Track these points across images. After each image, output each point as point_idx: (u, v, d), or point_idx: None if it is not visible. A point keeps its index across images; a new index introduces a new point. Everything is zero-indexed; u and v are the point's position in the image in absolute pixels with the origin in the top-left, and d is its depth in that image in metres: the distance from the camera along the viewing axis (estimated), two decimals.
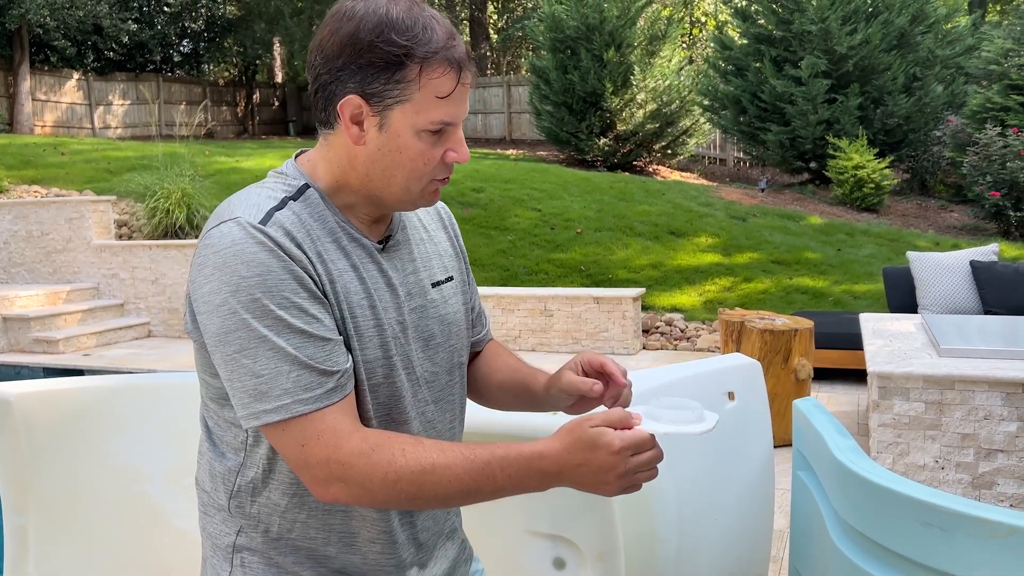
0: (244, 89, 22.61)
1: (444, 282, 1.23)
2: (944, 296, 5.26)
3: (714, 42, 13.09)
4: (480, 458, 1.01)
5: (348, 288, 1.08)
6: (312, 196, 1.09)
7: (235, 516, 1.15)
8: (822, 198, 11.22)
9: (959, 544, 1.54)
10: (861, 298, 7.31)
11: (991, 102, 10.27)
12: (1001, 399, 3.26)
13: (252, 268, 0.99)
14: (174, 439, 2.39)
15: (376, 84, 1.02)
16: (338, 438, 1.00)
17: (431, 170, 1.08)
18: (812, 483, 2.22)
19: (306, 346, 1.01)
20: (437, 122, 1.04)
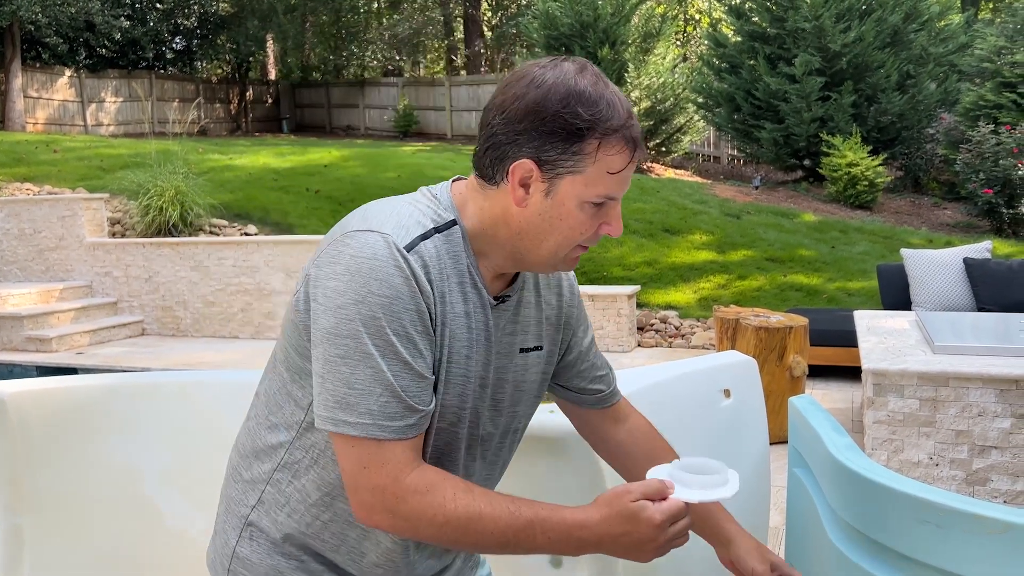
0: (237, 86, 22.55)
1: (532, 350, 1.24)
2: (938, 293, 5.28)
3: (708, 39, 13.10)
4: (524, 516, 1.04)
5: (456, 333, 1.10)
6: (455, 234, 1.11)
7: (258, 490, 1.18)
8: (816, 195, 11.25)
9: (955, 540, 1.55)
10: (855, 295, 7.33)
11: (984, 100, 10.30)
12: (995, 396, 3.28)
13: (384, 288, 1.02)
14: (170, 438, 2.38)
15: (552, 152, 1.04)
16: (399, 471, 1.03)
17: (583, 238, 1.10)
18: (808, 480, 2.22)
19: (403, 377, 1.03)
20: (603, 196, 1.07)
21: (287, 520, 1.16)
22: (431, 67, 27.55)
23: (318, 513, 1.15)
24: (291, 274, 7.37)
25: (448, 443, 1.15)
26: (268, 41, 23.29)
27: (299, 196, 9.37)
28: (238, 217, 8.79)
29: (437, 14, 24.24)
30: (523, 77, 1.06)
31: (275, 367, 1.18)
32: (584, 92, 1.03)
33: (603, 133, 1.03)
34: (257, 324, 7.52)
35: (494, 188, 1.09)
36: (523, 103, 1.04)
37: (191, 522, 2.37)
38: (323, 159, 11.07)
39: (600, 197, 1.06)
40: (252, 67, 23.69)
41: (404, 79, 22.19)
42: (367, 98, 22.07)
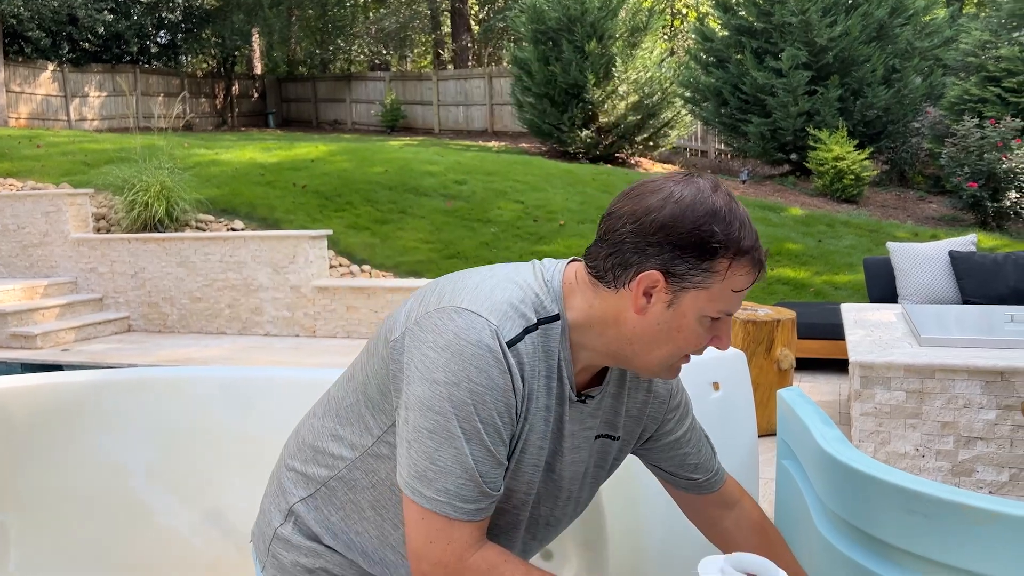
0: (223, 81, 22.39)
1: (609, 438, 1.26)
2: (924, 286, 5.32)
3: (695, 34, 13.11)
4: None
5: (535, 427, 1.13)
6: (555, 328, 1.12)
7: (311, 488, 1.22)
8: (803, 189, 11.30)
9: (942, 531, 1.56)
10: (842, 288, 7.37)
11: (968, 94, 10.36)
12: (980, 387, 3.30)
13: (482, 377, 1.04)
14: (158, 435, 2.37)
15: (683, 266, 1.06)
16: (463, 551, 1.06)
17: (693, 350, 1.13)
18: (796, 472, 2.23)
19: (484, 463, 1.06)
20: (722, 312, 1.10)
21: (339, 522, 1.21)
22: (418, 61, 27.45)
23: (365, 528, 1.19)
24: (278, 269, 7.33)
25: (510, 523, 1.18)
26: (254, 35, 23.14)
27: (286, 191, 9.32)
28: (224, 212, 8.74)
29: (424, 8, 24.15)
30: (658, 191, 1.07)
31: (353, 383, 1.21)
32: (720, 211, 1.06)
33: (736, 253, 1.06)
34: (244, 320, 7.48)
35: (611, 291, 1.10)
36: (659, 216, 1.05)
37: (178, 518, 2.36)
38: (310, 154, 11.02)
39: (720, 313, 1.09)
40: (238, 61, 23.53)
41: (391, 73, 22.11)
42: (354, 92, 21.98)
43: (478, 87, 19.59)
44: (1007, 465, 3.31)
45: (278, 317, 7.38)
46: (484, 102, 19.46)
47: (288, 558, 1.23)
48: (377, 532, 1.19)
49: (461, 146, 15.09)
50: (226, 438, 2.35)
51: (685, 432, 1.36)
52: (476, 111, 19.66)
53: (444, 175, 10.11)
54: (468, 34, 23.27)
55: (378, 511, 1.18)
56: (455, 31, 23.22)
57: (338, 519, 1.21)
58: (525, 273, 1.15)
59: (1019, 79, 10.02)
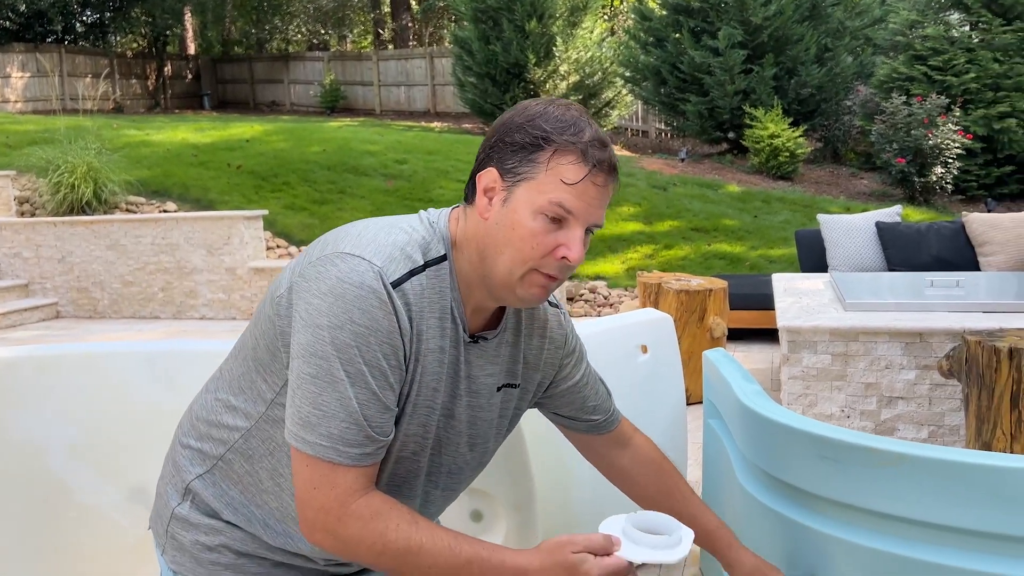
0: (154, 61, 21.72)
1: (509, 387, 1.25)
2: (852, 256, 5.47)
3: (634, 13, 13.18)
4: (463, 555, 1.06)
5: (427, 368, 1.12)
6: (443, 269, 1.13)
7: (208, 463, 1.20)
8: (740, 167, 11.49)
9: (854, 474, 1.61)
10: (776, 262, 7.54)
11: (897, 72, 10.65)
12: (901, 349, 3.42)
13: (365, 319, 1.04)
14: (78, 412, 2.30)
15: (512, 161, 1.09)
16: (347, 496, 1.05)
17: (538, 257, 1.08)
18: (721, 429, 2.29)
19: (369, 407, 1.05)
20: (555, 202, 1.07)
21: (238, 496, 1.18)
22: (357, 41, 27.03)
23: (265, 499, 1.17)
24: (213, 251, 7.17)
25: (409, 471, 1.17)
26: (186, 14, 22.47)
27: (220, 171, 9.11)
28: (156, 194, 8.51)
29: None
30: (516, 106, 1.14)
31: (244, 352, 1.19)
32: (552, 114, 1.09)
33: (559, 144, 1.07)
34: (179, 303, 7.31)
35: (472, 207, 1.13)
36: (499, 121, 1.12)
37: (102, 496, 2.30)
38: (245, 134, 10.78)
39: (552, 204, 1.06)
40: (170, 41, 22.84)
41: (330, 53, 21.73)
42: (292, 73, 21.55)
43: (419, 67, 19.39)
44: (926, 423, 3.44)
45: (214, 300, 7.23)
46: (426, 82, 19.28)
47: (187, 538, 1.20)
48: (277, 503, 1.17)
49: (402, 126, 14.95)
50: (150, 413, 2.29)
51: (582, 376, 1.37)
52: (418, 91, 19.47)
53: (384, 155, 10.00)
54: (408, 13, 22.99)
55: (276, 481, 1.16)
56: (395, 10, 22.91)
57: (237, 492, 1.18)
58: (411, 219, 1.15)
59: (944, 58, 10.33)
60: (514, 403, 1.28)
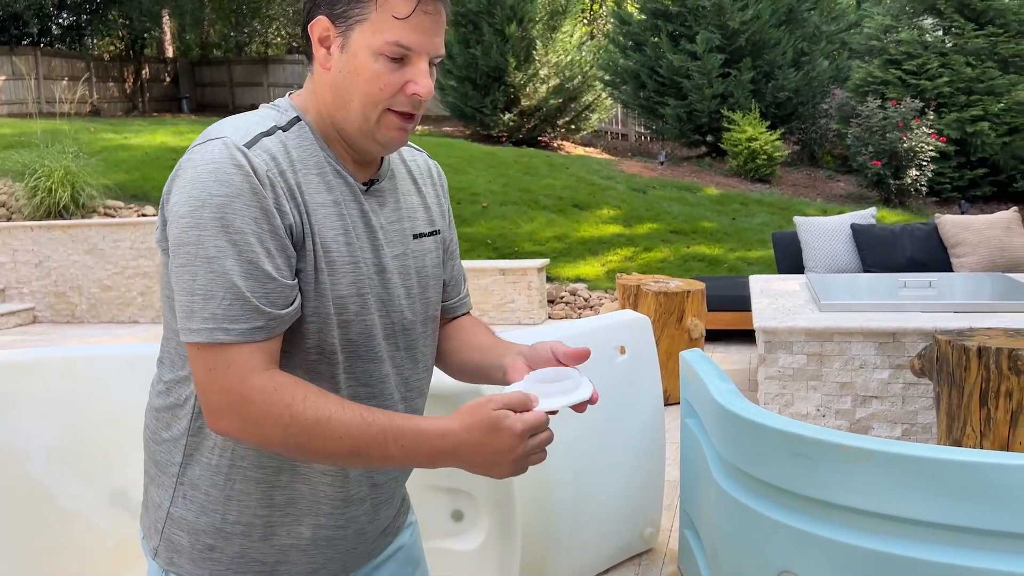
0: (132, 64, 21.52)
1: (427, 235, 1.23)
2: (828, 257, 5.55)
3: (613, 17, 13.26)
4: (376, 423, 1.01)
5: (324, 223, 1.08)
6: (303, 129, 1.11)
7: (181, 444, 1.14)
8: (718, 170, 11.59)
9: (825, 471, 1.65)
10: (754, 264, 7.62)
11: (872, 76, 10.79)
12: (874, 348, 3.48)
13: (223, 187, 1.00)
14: (56, 416, 2.30)
15: (340, 5, 1.06)
16: (246, 372, 1.00)
17: (387, 97, 1.07)
18: (698, 428, 2.32)
19: (249, 277, 1.00)
20: (392, 43, 1.05)
21: (220, 460, 1.12)
22: None
23: (245, 449, 1.11)
24: None
25: (362, 333, 1.13)
26: (164, 17, 22.32)
27: None
28: (135, 198, 8.45)
29: None
30: None
31: (169, 324, 1.15)
32: None
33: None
34: (158, 308, 7.27)
35: (314, 65, 1.11)
36: None
37: (82, 500, 2.30)
38: None
39: (390, 44, 1.05)
40: (148, 44, 22.67)
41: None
42: (272, 76, 21.45)
43: None
44: (899, 421, 3.50)
45: None
46: None
47: (184, 539, 1.15)
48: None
49: None
50: (131, 417, 2.30)
51: (455, 239, 1.36)
52: None
53: None
54: None
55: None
56: None
57: (218, 457, 1.13)
58: (256, 109, 1.15)
59: (918, 62, 10.48)
60: (439, 252, 1.27)
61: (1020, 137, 10.11)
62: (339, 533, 1.18)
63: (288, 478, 1.13)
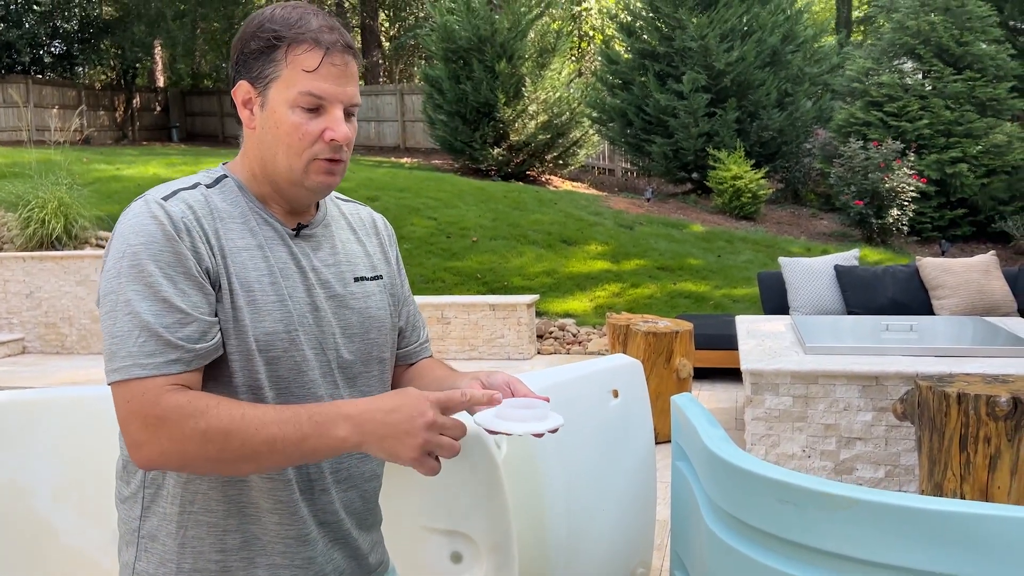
0: (123, 93, 21.65)
1: (370, 279, 1.29)
2: (812, 298, 5.67)
3: (601, 56, 13.51)
4: (289, 408, 1.06)
5: (246, 265, 1.15)
6: (228, 184, 1.20)
7: (138, 499, 1.19)
8: (704, 207, 11.77)
9: (811, 518, 1.73)
10: (739, 301, 7.74)
11: (854, 117, 11.05)
12: (858, 391, 3.58)
13: (140, 237, 1.09)
14: (63, 455, 2.34)
15: (256, 68, 1.16)
16: (160, 395, 1.04)
17: (308, 145, 1.15)
18: (688, 472, 2.40)
19: (163, 315, 1.06)
20: (304, 93, 1.14)
21: (172, 508, 1.17)
22: None
23: (196, 488, 1.16)
24: None
25: (292, 370, 1.17)
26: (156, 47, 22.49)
27: None
28: None
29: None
30: (245, 22, 1.21)
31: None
32: (277, 15, 1.17)
33: (291, 39, 1.14)
34: None
35: (243, 128, 1.20)
36: (236, 38, 1.19)
37: (88, 539, 2.34)
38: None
39: (303, 95, 1.13)
40: (139, 73, 22.82)
41: None
42: None
43: (389, 103, 19.58)
44: (883, 463, 3.59)
45: None
46: (396, 118, 19.46)
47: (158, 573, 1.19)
48: (206, 487, 1.17)
49: (373, 162, 15.06)
50: None
51: (407, 287, 1.42)
52: (388, 127, 19.64)
53: (355, 191, 10.09)
54: (379, 50, 23.25)
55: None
56: (365, 47, 23.16)
57: (169, 506, 1.18)
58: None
59: (899, 104, 10.75)
60: (385, 297, 1.32)
61: (998, 179, 10.36)
62: (298, 574, 1.21)
63: (237, 521, 1.17)
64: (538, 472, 2.28)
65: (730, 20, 11.87)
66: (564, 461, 2.36)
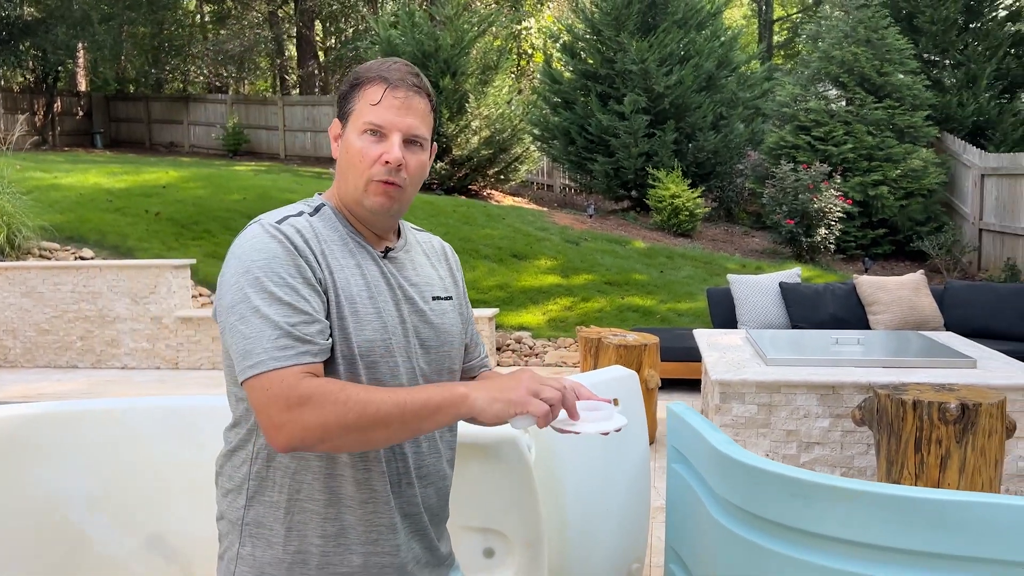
0: (43, 97, 20.93)
1: (443, 299, 1.47)
2: (759, 313, 6.03)
3: (543, 75, 13.85)
4: (411, 389, 1.24)
5: (349, 280, 1.32)
6: (327, 212, 1.38)
7: (244, 489, 1.35)
8: (643, 224, 12.19)
9: (818, 508, 1.98)
10: (684, 315, 8.10)
11: (784, 140, 11.65)
12: (817, 400, 3.89)
13: (261, 254, 1.25)
14: (97, 466, 2.41)
15: (343, 107, 1.37)
16: (297, 380, 1.18)
17: (368, 167, 1.32)
18: (687, 473, 2.63)
19: (290, 316, 1.22)
20: (368, 123, 1.32)
21: (280, 496, 1.32)
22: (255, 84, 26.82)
23: (302, 478, 1.31)
24: (138, 300, 7.10)
25: (387, 374, 1.34)
26: (80, 50, 21.82)
27: (138, 218, 8.99)
28: (71, 240, 8.32)
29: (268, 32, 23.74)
30: None
31: (227, 386, 1.38)
32: (366, 64, 1.38)
33: (364, 81, 1.35)
34: (99, 352, 7.16)
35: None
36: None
37: (120, 546, 2.41)
38: (160, 179, 10.65)
39: (368, 125, 1.32)
40: (61, 77, 22.08)
41: (233, 96, 21.54)
42: (192, 114, 21.22)
43: (327, 114, 19.49)
44: (838, 465, 3.91)
45: (137, 349, 7.13)
46: None
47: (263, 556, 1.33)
48: (311, 478, 1.31)
49: (313, 173, 15.01)
50: (167, 465, 2.43)
51: (470, 308, 1.62)
52: (325, 138, 19.54)
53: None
54: (315, 61, 23.11)
55: (297, 457, 1.31)
56: (301, 57, 23.00)
57: (277, 494, 1.32)
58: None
59: (825, 129, 11.40)
60: (456, 314, 1.49)
61: (915, 201, 11.08)
62: (385, 560, 1.36)
63: (336, 511, 1.32)
64: (555, 475, 2.47)
65: (669, 45, 12.36)
66: (576, 465, 2.56)
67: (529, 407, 1.23)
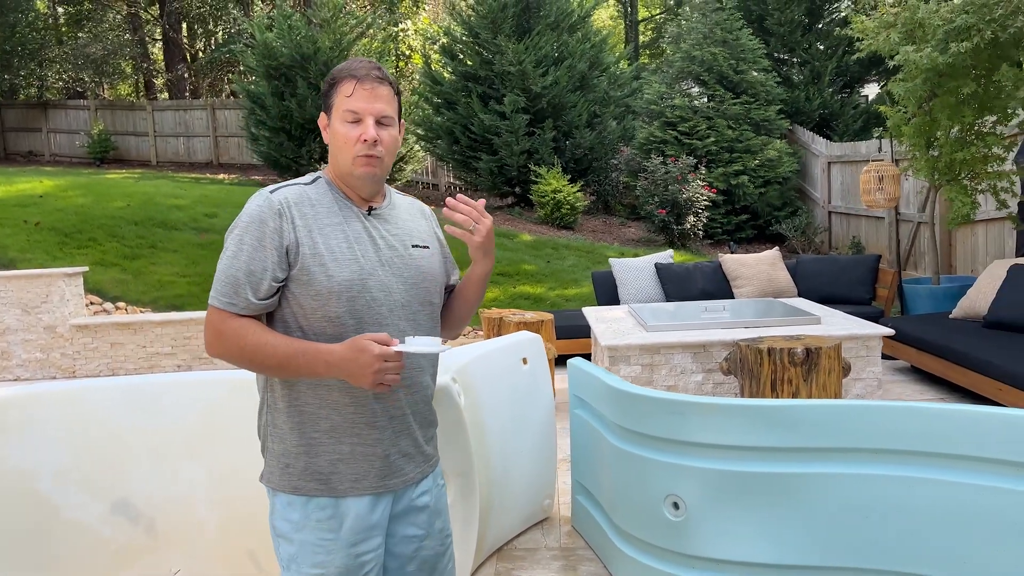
0: None
1: (422, 247, 1.85)
2: (638, 290, 6.64)
3: (424, 77, 14.19)
4: (293, 345, 1.61)
5: (330, 235, 1.69)
6: (321, 182, 1.76)
7: (265, 403, 1.76)
8: (528, 218, 12.75)
9: (691, 422, 2.49)
10: (572, 300, 8.67)
11: (653, 136, 12.48)
12: (691, 358, 4.47)
13: (249, 216, 1.66)
14: (60, 441, 2.64)
15: (325, 103, 1.74)
16: (223, 320, 1.64)
17: (352, 146, 1.68)
18: (587, 413, 3.11)
19: (240, 271, 1.63)
20: (346, 111, 1.69)
21: (283, 404, 1.72)
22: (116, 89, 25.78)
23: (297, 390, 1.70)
24: (28, 310, 7.00)
25: (364, 307, 1.69)
26: None
27: (16, 228, 8.75)
28: None
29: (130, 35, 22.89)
30: None
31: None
32: (339, 67, 1.74)
33: (338, 80, 1.71)
34: (16, 361, 7.01)
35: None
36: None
37: (87, 511, 2.64)
38: (36, 189, 10.32)
39: (346, 112, 1.68)
40: None
41: (98, 102, 20.69)
42: (52, 122, 20.27)
43: (200, 118, 19.08)
44: None
45: (30, 360, 7.02)
46: (207, 134, 18.99)
47: (274, 463, 1.73)
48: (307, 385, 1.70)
49: (189, 179, 14.77)
50: (128, 436, 2.67)
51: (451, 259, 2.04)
52: (199, 143, 19.12)
53: (192, 208, 10.06)
54: (184, 64, 22.50)
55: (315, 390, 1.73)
56: (168, 61, 22.33)
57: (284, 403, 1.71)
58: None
59: (690, 124, 12.30)
60: (437, 260, 1.86)
61: (772, 188, 12.14)
62: (368, 450, 1.72)
63: (327, 412, 1.70)
64: (479, 419, 2.88)
65: (544, 47, 12.96)
66: (495, 413, 2.98)
67: (377, 391, 1.65)
